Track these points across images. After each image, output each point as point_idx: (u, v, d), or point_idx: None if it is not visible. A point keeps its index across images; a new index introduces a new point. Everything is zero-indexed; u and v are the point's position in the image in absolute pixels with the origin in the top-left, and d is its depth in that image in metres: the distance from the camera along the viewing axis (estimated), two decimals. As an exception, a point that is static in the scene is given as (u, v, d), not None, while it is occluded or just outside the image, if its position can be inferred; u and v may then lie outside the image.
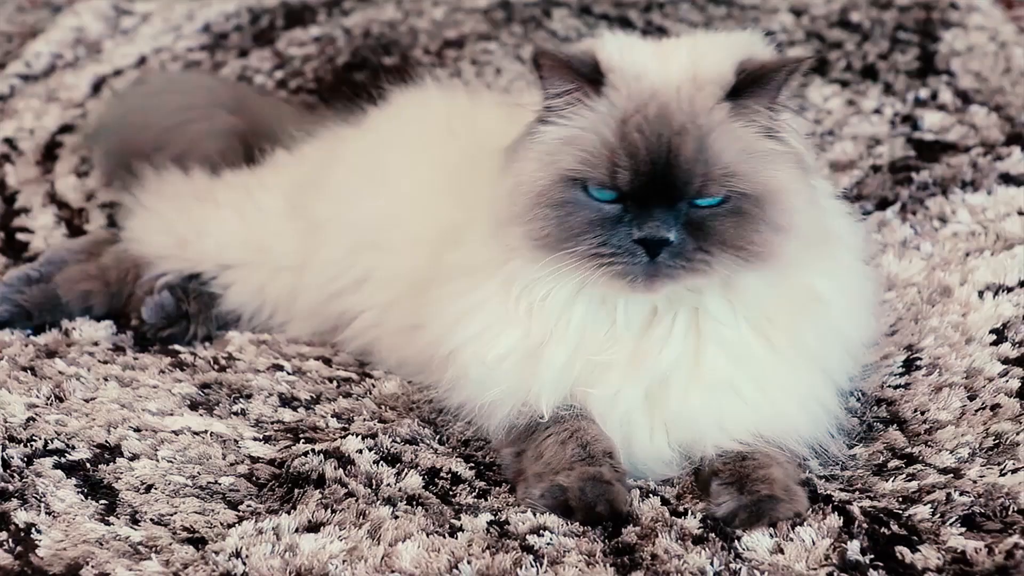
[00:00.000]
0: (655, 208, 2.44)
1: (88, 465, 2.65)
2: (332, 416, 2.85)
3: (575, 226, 2.47)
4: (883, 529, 2.44)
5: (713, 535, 2.44)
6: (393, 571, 2.37)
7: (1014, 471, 2.57)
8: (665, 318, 2.55)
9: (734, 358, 2.54)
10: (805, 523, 2.45)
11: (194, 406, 2.87)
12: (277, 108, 3.79)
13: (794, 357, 2.56)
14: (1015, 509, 2.47)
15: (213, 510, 2.54)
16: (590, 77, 2.49)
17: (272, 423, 2.83)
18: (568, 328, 2.56)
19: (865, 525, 2.45)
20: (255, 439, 2.76)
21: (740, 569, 2.36)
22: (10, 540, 2.44)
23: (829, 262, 2.58)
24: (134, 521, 2.51)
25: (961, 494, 2.52)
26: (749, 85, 2.46)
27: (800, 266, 2.54)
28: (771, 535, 2.43)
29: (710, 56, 2.51)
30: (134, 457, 2.68)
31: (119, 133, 3.56)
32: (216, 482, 2.62)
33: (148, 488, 2.59)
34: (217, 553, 2.41)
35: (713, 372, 2.54)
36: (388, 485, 2.59)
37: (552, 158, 2.51)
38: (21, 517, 2.49)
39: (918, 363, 2.92)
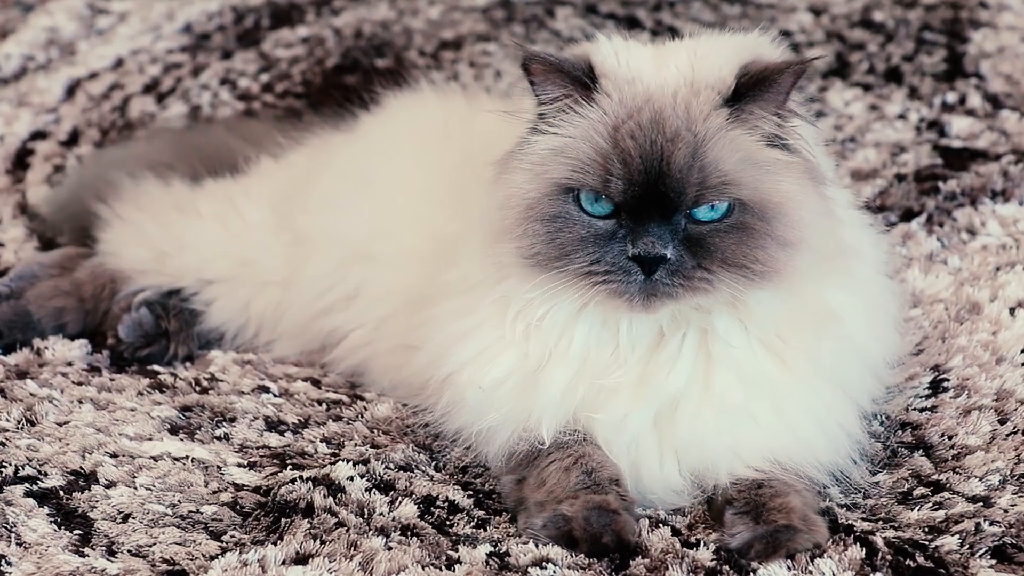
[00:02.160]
0: (650, 223, 2.45)
1: (61, 493, 2.66)
2: (321, 441, 2.86)
3: (566, 243, 2.50)
4: (908, 561, 2.45)
5: (727, 568, 2.45)
6: (386, 606, 2.39)
7: (1047, 499, 2.58)
8: (672, 340, 2.57)
9: (747, 381, 2.55)
10: (825, 555, 2.46)
11: (174, 430, 2.88)
12: (242, 131, 3.75)
13: (811, 378, 2.57)
14: (1049, 540, 2.49)
15: (194, 541, 2.55)
16: (582, 82, 2.51)
17: (257, 448, 2.84)
18: (569, 349, 2.58)
19: (889, 557, 2.46)
20: (239, 465, 2.77)
21: (756, 604, 2.38)
22: (-22, 573, 2.45)
23: (845, 276, 2.59)
24: (110, 552, 2.51)
25: (991, 524, 2.53)
26: (751, 89, 2.48)
27: (813, 281, 2.55)
28: (789, 568, 2.44)
29: (710, 59, 2.53)
30: (110, 484, 2.69)
31: (81, 207, 3.51)
32: (198, 511, 2.63)
33: (125, 517, 2.61)
34: (199, 587, 2.42)
35: (725, 396, 2.55)
36: (381, 514, 2.60)
37: (543, 168, 2.53)
38: (-10, 548, 2.51)
39: (945, 384, 2.93)
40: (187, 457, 2.78)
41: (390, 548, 2.51)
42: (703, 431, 2.56)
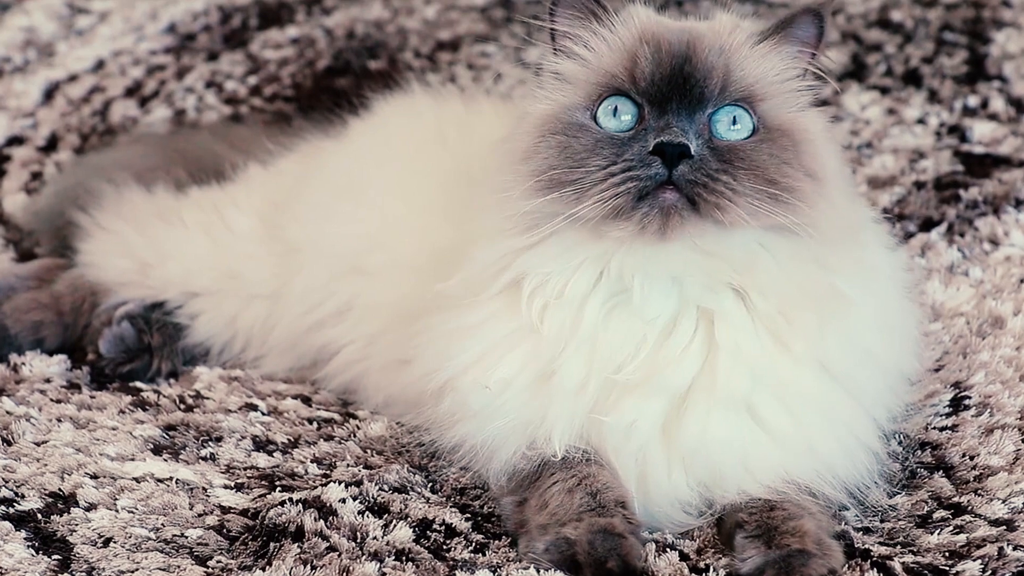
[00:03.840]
0: (673, 116, 2.53)
1: (39, 516, 2.66)
2: (312, 461, 2.87)
3: (581, 149, 2.55)
4: (928, 587, 2.47)
5: (738, 594, 2.47)
6: (380, 634, 2.40)
7: (1074, 523, 2.59)
8: (681, 327, 2.57)
9: (751, 369, 2.56)
10: (840, 581, 2.48)
11: (158, 450, 2.89)
12: (228, 136, 3.76)
13: (816, 368, 2.58)
14: (1075, 565, 2.49)
15: (179, 566, 2.55)
16: (615, 10, 2.63)
17: (245, 469, 2.85)
18: (583, 327, 2.58)
19: (908, 583, 2.47)
20: (226, 487, 2.78)
21: (768, 632, 2.39)
22: (-48, 600, 2.46)
23: (857, 267, 2.62)
24: (91, 578, 2.53)
25: (1015, 548, 2.54)
26: (771, 30, 2.62)
27: (825, 264, 2.58)
28: (802, 594, 2.45)
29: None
30: (91, 507, 2.69)
31: (60, 216, 3.54)
32: (182, 535, 2.64)
33: (106, 542, 2.61)
34: (183, 614, 2.43)
35: (728, 387, 2.55)
36: (375, 538, 2.61)
37: (562, 83, 2.64)
38: (-36, 574, 2.51)
39: (967, 402, 2.94)
40: (171, 478, 2.79)
41: (384, 574, 2.51)
42: (712, 434, 2.56)
